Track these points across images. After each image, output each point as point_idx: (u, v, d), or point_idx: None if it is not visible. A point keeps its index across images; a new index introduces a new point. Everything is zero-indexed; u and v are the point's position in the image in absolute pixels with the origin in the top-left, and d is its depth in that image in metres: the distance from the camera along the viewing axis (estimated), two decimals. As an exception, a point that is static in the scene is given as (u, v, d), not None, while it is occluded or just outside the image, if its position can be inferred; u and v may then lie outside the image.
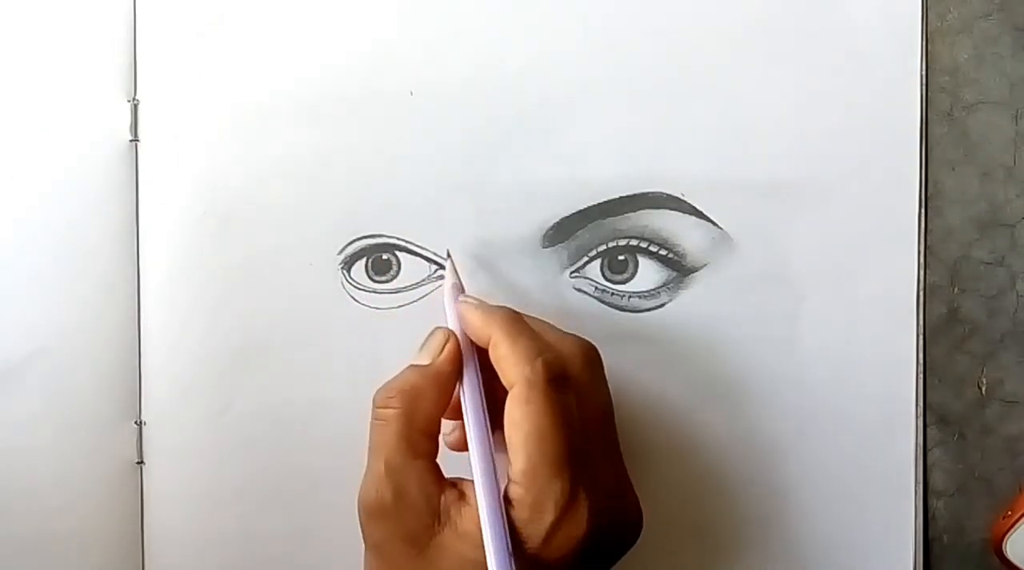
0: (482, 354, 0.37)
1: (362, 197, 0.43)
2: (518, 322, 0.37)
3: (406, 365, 0.37)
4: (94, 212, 0.42)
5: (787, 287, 0.43)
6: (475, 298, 0.39)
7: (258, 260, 0.43)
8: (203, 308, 0.43)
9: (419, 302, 0.43)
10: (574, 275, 0.43)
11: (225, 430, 0.43)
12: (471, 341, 0.38)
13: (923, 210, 0.44)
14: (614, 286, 0.43)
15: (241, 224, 0.43)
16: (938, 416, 0.44)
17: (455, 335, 0.37)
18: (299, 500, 0.43)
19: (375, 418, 0.36)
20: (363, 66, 0.43)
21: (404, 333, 0.41)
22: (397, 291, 0.43)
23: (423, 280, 0.43)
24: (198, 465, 0.43)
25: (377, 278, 0.43)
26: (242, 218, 0.43)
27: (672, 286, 0.43)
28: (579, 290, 0.43)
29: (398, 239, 0.43)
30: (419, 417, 0.36)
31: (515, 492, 0.35)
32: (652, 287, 0.43)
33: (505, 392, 0.35)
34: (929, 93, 0.44)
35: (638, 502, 0.38)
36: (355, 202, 0.43)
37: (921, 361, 0.44)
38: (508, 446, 0.35)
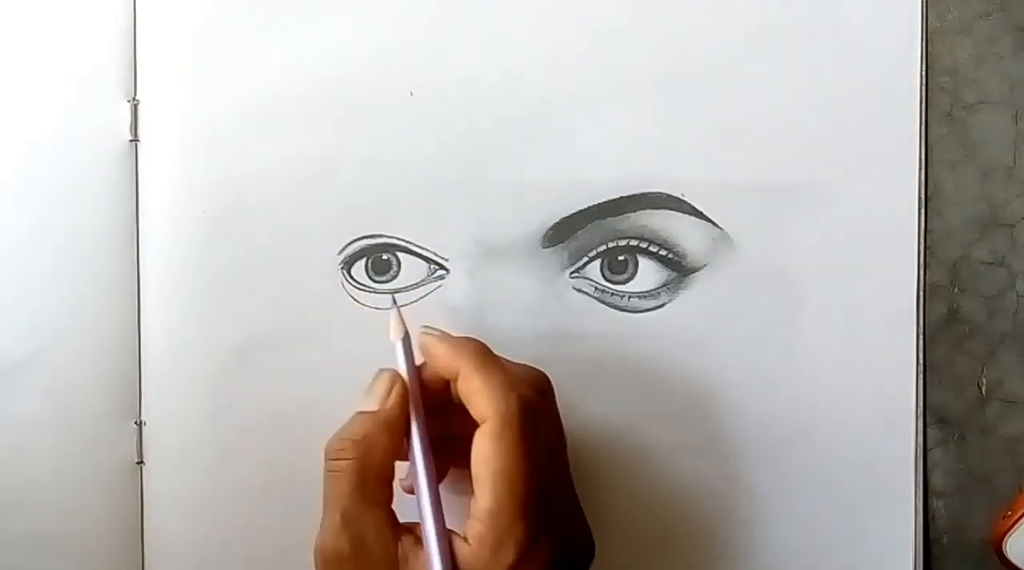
0: (428, 392, 0.37)
1: (362, 197, 0.43)
2: (487, 354, 0.36)
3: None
4: (94, 212, 0.42)
5: (787, 287, 0.43)
6: (437, 329, 0.38)
7: (258, 260, 0.43)
8: (203, 308, 0.43)
9: (419, 302, 0.43)
10: (574, 275, 0.43)
11: (225, 430, 0.43)
12: (417, 383, 0.37)
13: (923, 210, 0.44)
14: (614, 286, 0.43)
15: (241, 224, 0.43)
16: (938, 416, 0.44)
17: (401, 378, 0.37)
18: (299, 500, 0.43)
19: (328, 470, 0.36)
20: (363, 66, 0.43)
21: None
22: (397, 291, 0.43)
23: (423, 280, 0.43)
24: (198, 465, 0.43)
25: (377, 278, 0.43)
26: (242, 218, 0.43)
27: (672, 286, 0.43)
28: (579, 290, 0.43)
29: (398, 239, 0.43)
30: (373, 465, 0.35)
31: (475, 530, 0.34)
32: (652, 287, 0.43)
33: (461, 427, 0.35)
34: (929, 93, 0.44)
35: (589, 530, 0.38)
36: (355, 202, 0.43)
37: (921, 361, 0.44)
38: (475, 481, 0.34)
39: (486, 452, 0.34)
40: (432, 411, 0.37)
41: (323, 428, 0.38)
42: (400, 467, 0.37)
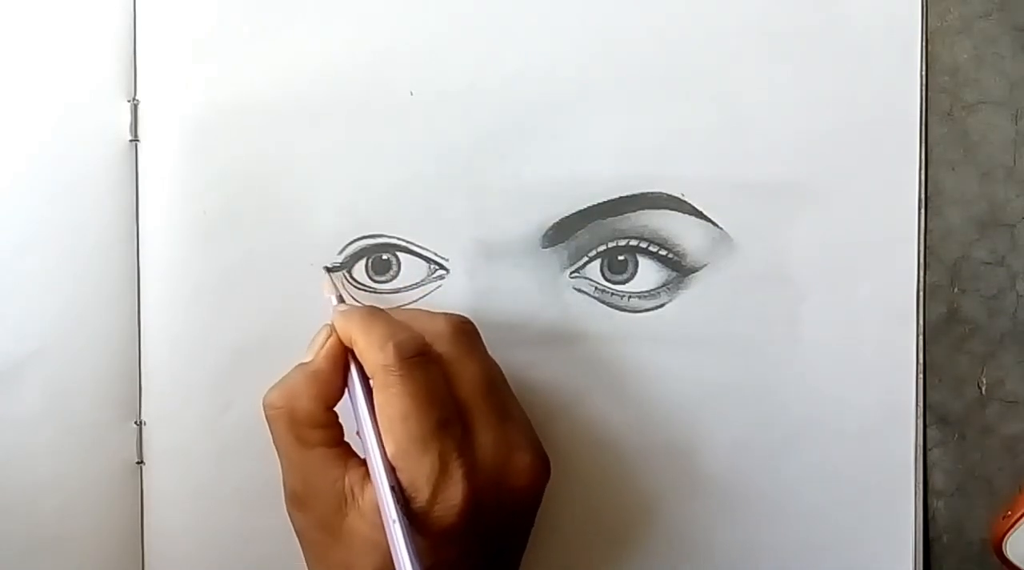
0: None
1: (362, 197, 0.43)
2: (373, 314, 0.39)
3: None
4: (94, 212, 0.42)
5: (787, 287, 0.43)
6: (346, 305, 0.41)
7: (258, 260, 0.43)
8: (203, 308, 0.43)
9: (419, 302, 0.43)
10: (574, 275, 0.43)
11: (225, 430, 0.43)
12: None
13: (923, 210, 0.44)
14: (614, 286, 0.43)
15: (241, 224, 0.43)
16: (938, 416, 0.44)
17: (336, 333, 0.39)
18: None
19: (267, 419, 0.38)
20: (363, 66, 0.43)
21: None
22: (397, 291, 0.43)
23: (423, 280, 0.43)
24: (198, 465, 0.43)
25: (377, 278, 0.43)
26: (242, 218, 0.43)
27: (672, 286, 0.43)
28: (579, 290, 0.43)
29: (398, 239, 0.43)
30: (300, 414, 0.38)
31: (396, 474, 0.36)
32: (652, 287, 0.43)
33: None
34: (929, 93, 0.44)
35: (533, 461, 0.39)
36: (355, 202, 0.43)
37: (921, 361, 0.44)
38: (382, 432, 0.36)
39: (379, 402, 0.37)
40: None
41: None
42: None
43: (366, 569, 0.37)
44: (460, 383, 0.38)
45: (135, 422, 0.43)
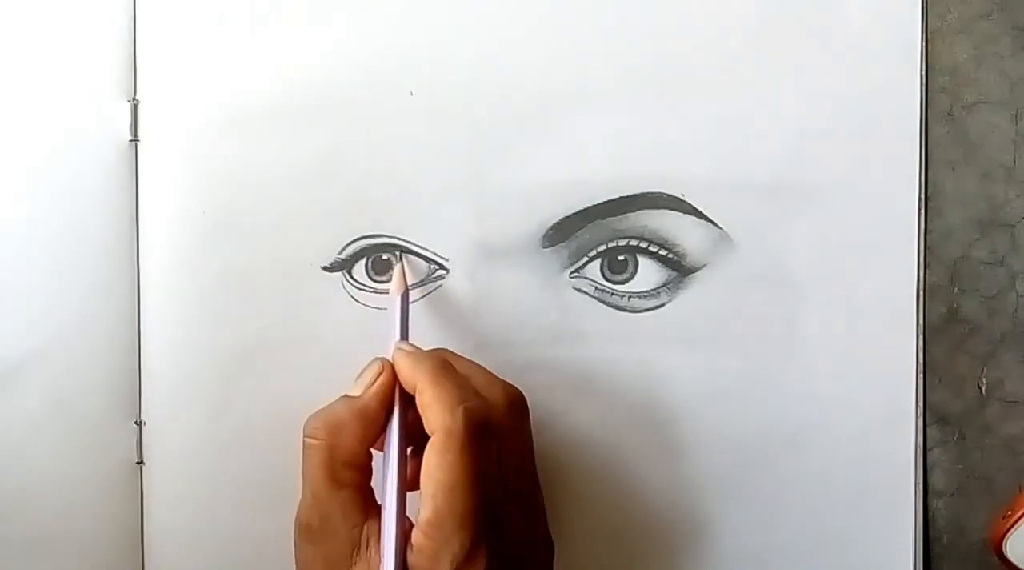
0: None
1: (362, 197, 0.43)
2: (445, 368, 0.37)
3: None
4: (94, 212, 0.42)
5: (787, 287, 0.43)
6: (411, 345, 0.39)
7: (258, 260, 0.43)
8: (203, 308, 0.43)
9: (419, 302, 0.43)
10: (574, 275, 0.43)
11: (225, 430, 0.43)
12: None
13: (923, 210, 0.44)
14: (614, 286, 0.43)
15: (241, 224, 0.43)
16: (938, 416, 0.44)
17: (390, 369, 0.38)
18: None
19: (304, 447, 0.37)
20: (363, 66, 0.43)
21: (404, 333, 0.41)
22: (397, 291, 0.43)
23: (423, 280, 0.43)
24: (198, 465, 0.43)
25: (377, 278, 0.43)
26: (242, 218, 0.43)
27: (672, 286, 0.43)
28: (579, 290, 0.43)
29: (398, 239, 0.43)
30: (342, 450, 0.36)
31: (417, 539, 0.35)
32: (652, 287, 0.43)
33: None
34: (929, 93, 0.44)
35: (547, 550, 0.39)
36: (355, 202, 0.43)
37: (921, 361, 0.44)
38: (421, 493, 0.35)
39: (430, 464, 0.35)
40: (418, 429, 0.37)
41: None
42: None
43: None
44: (505, 460, 0.36)
45: (135, 422, 0.43)
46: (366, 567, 0.36)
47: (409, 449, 0.38)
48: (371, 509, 0.37)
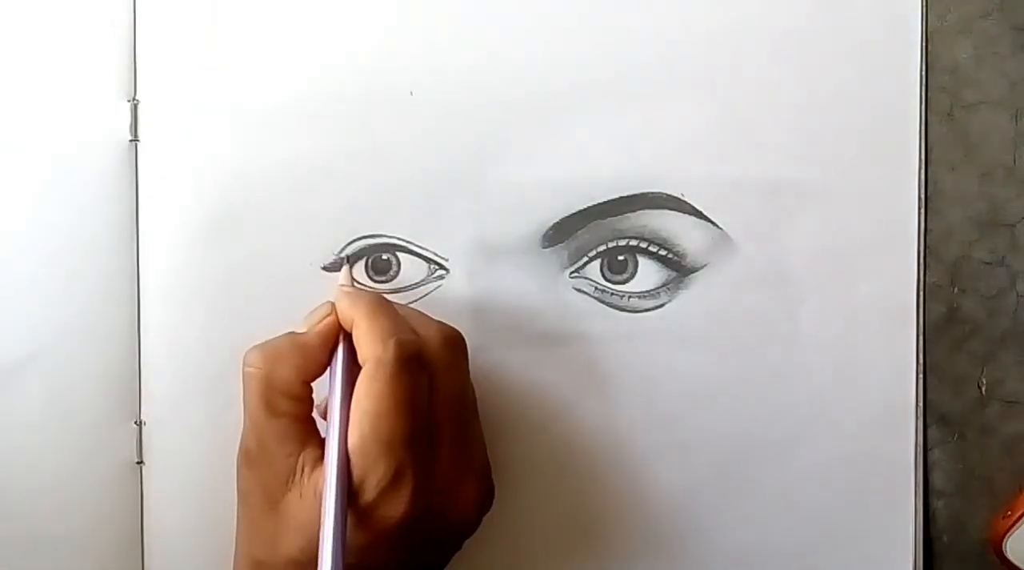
0: None
1: (362, 197, 0.43)
2: (381, 304, 0.38)
3: None
4: (94, 212, 0.42)
5: (787, 287, 0.43)
6: (352, 286, 0.41)
7: (258, 260, 0.43)
8: (203, 308, 0.43)
9: (419, 302, 0.43)
10: (574, 275, 0.43)
11: (225, 430, 0.43)
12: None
13: (923, 210, 0.44)
14: (614, 286, 0.43)
15: (241, 224, 0.43)
16: (938, 416, 0.44)
17: (336, 312, 0.39)
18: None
19: (243, 376, 0.38)
20: (363, 66, 0.43)
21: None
22: (397, 291, 0.43)
23: (423, 280, 0.43)
24: (198, 465, 0.43)
25: (377, 278, 0.43)
26: (242, 218, 0.43)
27: (672, 286, 0.43)
28: (579, 290, 0.43)
29: (398, 239, 0.43)
30: (278, 379, 0.37)
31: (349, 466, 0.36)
32: (652, 287, 0.43)
33: None
34: (929, 93, 0.44)
35: (480, 489, 0.39)
36: (355, 202, 0.43)
37: (921, 361, 0.44)
38: (350, 421, 0.36)
39: (360, 392, 0.36)
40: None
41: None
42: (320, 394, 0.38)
43: (291, 548, 0.36)
44: (437, 396, 0.37)
45: (135, 422, 0.43)
46: (299, 493, 0.36)
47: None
48: (309, 439, 0.37)
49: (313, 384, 0.38)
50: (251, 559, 0.38)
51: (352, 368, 0.38)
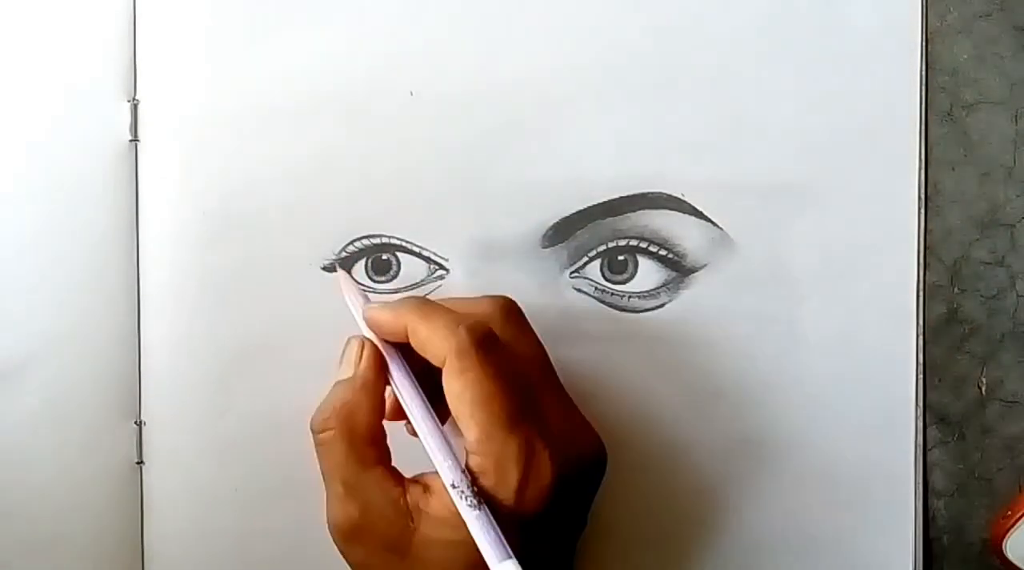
0: (405, 351, 0.37)
1: (362, 197, 0.43)
2: (426, 303, 0.37)
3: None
4: (94, 212, 0.42)
5: (787, 287, 0.43)
6: (377, 303, 0.39)
7: (258, 260, 0.43)
8: (203, 308, 0.43)
9: (419, 302, 0.43)
10: (574, 275, 0.43)
11: (225, 430, 0.43)
12: (388, 340, 0.38)
13: (923, 210, 0.44)
14: (614, 286, 0.43)
15: (241, 224, 0.43)
16: (938, 416, 0.44)
17: (369, 340, 0.37)
18: (299, 500, 0.43)
19: (318, 444, 0.36)
20: (363, 66, 0.43)
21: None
22: (397, 291, 0.43)
23: (423, 280, 0.43)
24: (198, 465, 0.43)
25: (377, 278, 0.43)
26: (242, 218, 0.43)
27: (672, 286, 0.43)
28: (579, 290, 0.43)
29: (398, 239, 0.43)
30: (359, 430, 0.36)
31: (475, 462, 0.35)
32: (652, 287, 0.43)
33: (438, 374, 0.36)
34: (929, 93, 0.44)
35: (596, 436, 0.39)
36: (355, 202, 0.43)
37: (921, 361, 0.44)
38: (457, 419, 0.35)
39: (456, 388, 0.35)
40: (422, 375, 0.37)
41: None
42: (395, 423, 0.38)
43: None
44: (521, 363, 0.37)
45: (135, 422, 0.43)
46: (431, 524, 0.35)
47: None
48: (401, 477, 0.36)
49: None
50: None
51: (420, 378, 0.37)
